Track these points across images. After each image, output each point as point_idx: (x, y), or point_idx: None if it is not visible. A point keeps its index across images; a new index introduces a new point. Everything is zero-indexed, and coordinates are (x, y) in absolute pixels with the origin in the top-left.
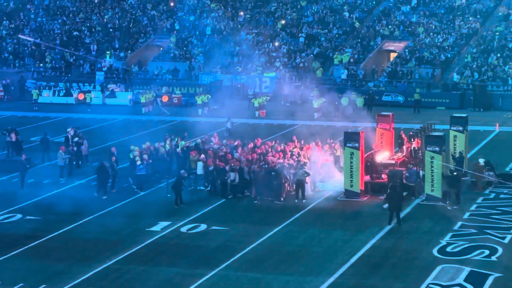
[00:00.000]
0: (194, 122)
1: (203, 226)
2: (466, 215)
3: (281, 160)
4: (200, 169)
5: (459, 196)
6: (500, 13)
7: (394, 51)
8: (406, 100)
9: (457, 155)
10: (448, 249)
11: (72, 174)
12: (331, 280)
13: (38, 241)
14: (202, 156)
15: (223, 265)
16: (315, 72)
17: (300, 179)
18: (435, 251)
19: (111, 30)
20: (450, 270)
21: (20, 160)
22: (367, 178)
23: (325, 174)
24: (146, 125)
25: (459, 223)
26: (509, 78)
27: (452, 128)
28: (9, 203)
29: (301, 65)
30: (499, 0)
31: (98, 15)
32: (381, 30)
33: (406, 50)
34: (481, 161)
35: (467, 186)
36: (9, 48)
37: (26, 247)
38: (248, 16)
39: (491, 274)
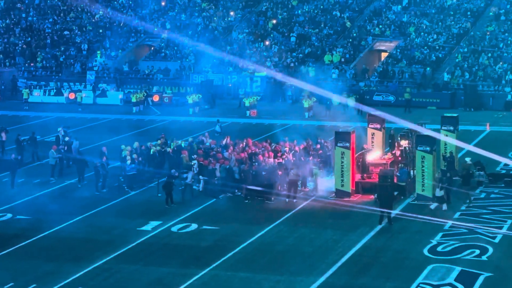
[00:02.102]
0: (185, 121)
1: (194, 226)
2: (457, 215)
3: (272, 160)
4: (195, 169)
5: (450, 196)
6: (491, 13)
7: (385, 51)
8: (397, 100)
9: (448, 155)
10: (439, 248)
11: (62, 174)
12: (321, 279)
13: (28, 241)
14: (196, 156)
15: (214, 265)
16: (307, 73)
17: (292, 179)
18: (425, 251)
19: (100, 31)
20: (440, 270)
21: (11, 160)
22: (358, 177)
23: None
24: (137, 124)
25: (450, 223)
26: (502, 79)
27: (443, 127)
28: None
29: (292, 64)
30: (490, 0)
31: (88, 14)
32: (372, 30)
33: (397, 50)
34: (468, 159)
35: (457, 185)
36: (0, 48)
37: (16, 246)
38: (239, 15)
39: (482, 274)
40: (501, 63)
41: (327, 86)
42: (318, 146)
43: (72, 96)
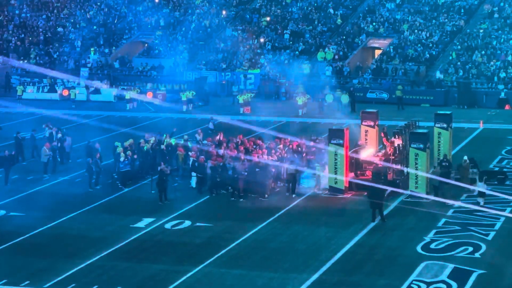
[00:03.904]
0: (178, 118)
1: (187, 223)
2: (450, 212)
3: (266, 157)
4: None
5: (445, 193)
6: (484, 11)
7: (378, 48)
8: (390, 97)
9: (443, 158)
10: (432, 246)
11: (56, 171)
12: (315, 277)
13: (22, 238)
14: (193, 153)
15: (207, 262)
16: (301, 70)
17: (291, 173)
18: (419, 248)
19: (94, 27)
20: (433, 267)
21: (4, 156)
22: (351, 175)
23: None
24: (130, 121)
25: (443, 220)
26: (495, 76)
27: (436, 125)
28: None
29: (286, 62)
30: None
31: (82, 11)
32: (365, 27)
33: (391, 47)
34: (465, 158)
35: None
36: None
37: (10, 243)
38: (233, 12)
39: (475, 271)
40: (494, 60)
41: (320, 83)
42: (312, 143)
43: (65, 93)
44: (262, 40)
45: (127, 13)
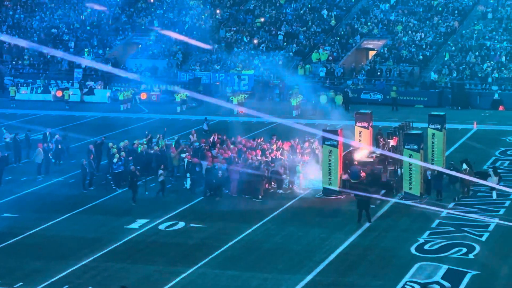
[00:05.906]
0: (172, 119)
1: (181, 224)
2: (444, 213)
3: (260, 158)
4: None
5: (441, 192)
6: (478, 12)
7: (372, 49)
8: (384, 98)
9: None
10: (426, 247)
11: (49, 172)
12: (309, 277)
13: (15, 239)
14: (187, 154)
15: (201, 263)
16: (296, 71)
17: (276, 171)
18: (412, 249)
19: (88, 28)
20: (427, 268)
21: None
22: (346, 176)
23: (304, 172)
24: (124, 122)
25: (437, 221)
26: (489, 77)
27: (430, 126)
28: None
29: (280, 62)
30: None
31: (76, 12)
32: (359, 28)
33: (385, 48)
34: (465, 166)
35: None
36: None
37: (3, 244)
38: (227, 14)
39: (469, 272)
40: (489, 62)
41: (314, 84)
42: (307, 144)
43: (59, 94)
44: (256, 41)
45: (120, 14)
